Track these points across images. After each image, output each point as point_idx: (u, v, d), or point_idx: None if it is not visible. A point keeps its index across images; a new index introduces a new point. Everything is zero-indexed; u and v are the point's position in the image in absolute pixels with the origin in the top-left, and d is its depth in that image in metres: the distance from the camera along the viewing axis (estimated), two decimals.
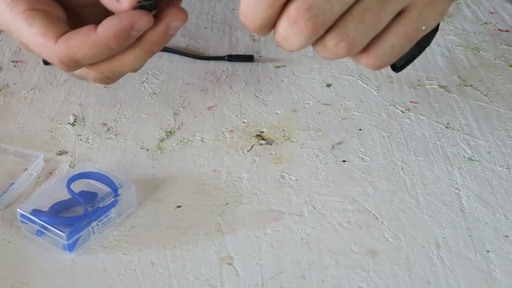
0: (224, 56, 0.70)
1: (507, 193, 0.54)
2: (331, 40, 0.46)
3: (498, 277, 0.47)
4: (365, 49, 0.48)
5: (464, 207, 0.53)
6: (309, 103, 0.64)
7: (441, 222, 0.52)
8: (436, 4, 0.49)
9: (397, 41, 0.49)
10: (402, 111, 0.63)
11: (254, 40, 0.73)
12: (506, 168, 0.57)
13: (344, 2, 0.45)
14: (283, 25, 0.44)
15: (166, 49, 0.70)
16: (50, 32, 0.50)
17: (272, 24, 0.44)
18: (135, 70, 0.54)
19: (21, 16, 0.51)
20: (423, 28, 0.49)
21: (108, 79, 0.53)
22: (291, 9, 0.43)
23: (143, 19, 0.49)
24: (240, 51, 0.72)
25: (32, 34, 0.51)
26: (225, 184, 0.55)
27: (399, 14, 0.48)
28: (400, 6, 0.48)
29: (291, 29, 0.44)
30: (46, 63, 0.69)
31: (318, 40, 0.46)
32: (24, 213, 0.50)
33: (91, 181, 0.54)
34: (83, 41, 0.49)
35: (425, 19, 0.49)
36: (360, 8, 0.46)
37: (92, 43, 0.49)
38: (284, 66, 0.70)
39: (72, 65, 0.50)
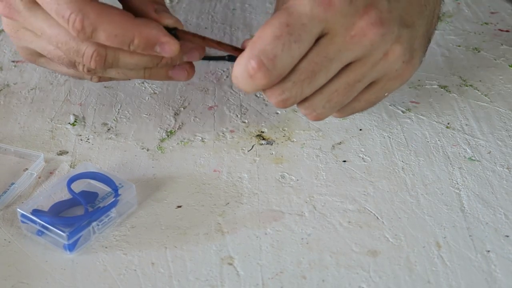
0: (225, 56, 0.70)
1: (508, 193, 0.54)
2: (301, 110, 0.51)
3: (498, 277, 0.47)
4: None
5: (464, 207, 0.53)
6: None
7: (442, 222, 0.52)
8: (402, 76, 0.51)
9: (358, 105, 0.52)
10: (402, 111, 0.63)
11: None
12: (507, 168, 0.57)
13: (315, 87, 0.48)
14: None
15: None
16: None
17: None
18: (123, 79, 0.56)
19: None
20: (385, 94, 0.52)
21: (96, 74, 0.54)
22: (267, 92, 0.48)
23: (173, 48, 0.50)
24: None
25: None
26: (225, 184, 0.55)
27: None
28: (366, 85, 0.51)
29: (268, 98, 0.49)
30: None
31: None
32: (24, 213, 0.50)
33: (92, 181, 0.54)
34: (119, 16, 0.49)
35: (388, 89, 0.53)
36: (330, 90, 0.49)
37: (124, 25, 0.49)
38: None
39: (87, 31, 0.48)
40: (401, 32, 0.48)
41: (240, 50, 0.48)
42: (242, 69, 0.46)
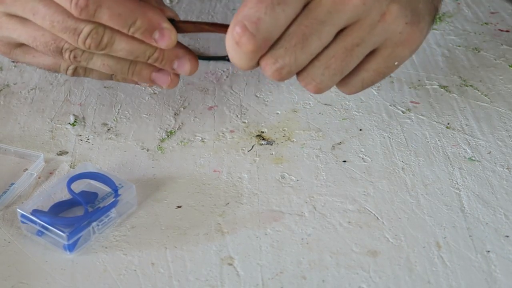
0: (225, 56, 0.70)
1: (508, 193, 0.54)
2: (301, 81, 0.49)
3: (498, 278, 0.47)
4: None
5: (464, 207, 0.53)
6: (309, 103, 0.64)
7: (442, 222, 0.52)
8: (410, 41, 0.49)
9: (367, 76, 0.51)
10: (402, 111, 0.63)
11: None
12: (507, 168, 0.57)
13: (309, 53, 0.47)
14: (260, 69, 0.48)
15: None
16: None
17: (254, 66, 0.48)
18: (102, 75, 0.56)
19: None
20: (395, 63, 0.50)
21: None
22: (261, 63, 0.47)
23: (172, 37, 0.51)
24: None
25: None
26: (225, 184, 0.55)
27: (371, 51, 0.49)
28: (368, 50, 0.49)
29: (263, 72, 0.48)
30: None
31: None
32: (24, 213, 0.50)
33: (92, 181, 0.54)
34: None
35: (397, 56, 0.50)
36: (327, 56, 0.48)
37: (128, 5, 0.49)
38: None
39: (90, 8, 0.49)
40: None
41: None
42: (230, 39, 0.46)
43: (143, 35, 0.51)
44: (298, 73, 0.49)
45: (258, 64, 0.48)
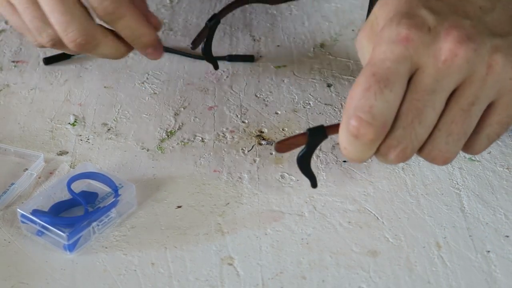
0: (225, 56, 0.70)
1: (508, 194, 0.54)
2: (426, 157, 0.47)
3: (498, 278, 0.47)
4: (465, 144, 0.48)
5: (464, 207, 0.53)
6: (309, 103, 0.64)
7: (442, 222, 0.52)
8: None
9: (491, 130, 0.48)
10: None
11: (254, 40, 0.73)
12: (507, 168, 0.57)
13: (427, 126, 0.45)
14: (377, 157, 0.46)
15: (166, 49, 0.70)
16: None
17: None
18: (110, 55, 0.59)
19: None
20: None
21: (83, 44, 0.56)
22: (383, 149, 0.45)
23: (159, 55, 0.60)
24: (241, 51, 0.72)
25: None
26: (225, 184, 0.55)
27: (489, 106, 0.47)
28: (485, 105, 0.47)
29: (383, 159, 0.46)
30: (46, 62, 0.69)
31: None
32: (24, 213, 0.50)
33: (92, 181, 0.54)
34: (135, 10, 0.56)
35: None
36: (446, 123, 0.46)
37: (143, 22, 0.57)
38: (284, 66, 0.69)
39: (116, 12, 0.55)
40: (494, 41, 0.46)
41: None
42: (345, 134, 0.45)
43: (142, 48, 0.58)
44: (420, 149, 0.47)
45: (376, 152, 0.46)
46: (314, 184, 0.49)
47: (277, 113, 0.63)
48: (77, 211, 0.52)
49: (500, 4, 0.48)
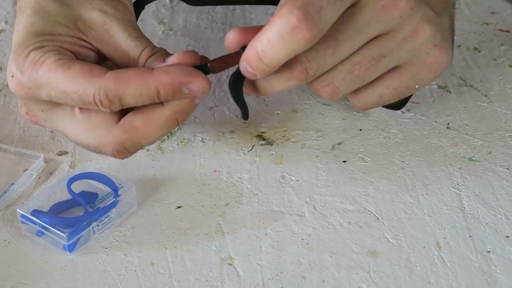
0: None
1: (508, 194, 0.54)
2: (318, 83, 0.48)
3: (499, 278, 0.47)
4: (354, 91, 0.50)
5: (464, 208, 0.53)
6: (309, 103, 0.64)
7: (442, 222, 0.52)
8: (436, 66, 0.49)
9: (386, 93, 0.50)
10: (402, 112, 0.63)
11: None
12: (507, 168, 0.57)
13: (337, 59, 0.46)
14: (280, 70, 0.45)
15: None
16: (96, 68, 0.47)
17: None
18: (153, 141, 0.50)
19: (56, 65, 0.47)
20: (416, 86, 0.50)
21: (126, 151, 0.49)
22: (291, 61, 0.45)
23: (201, 84, 0.47)
24: None
25: (73, 76, 0.46)
26: (225, 184, 0.55)
27: (395, 68, 0.49)
28: (393, 64, 0.48)
29: (287, 72, 0.46)
30: None
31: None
32: (24, 213, 0.50)
33: (92, 182, 0.54)
34: (135, 76, 0.46)
35: (420, 78, 0.50)
36: (352, 62, 0.47)
37: (144, 81, 0.46)
38: None
39: (115, 102, 0.47)
40: (429, 13, 0.47)
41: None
42: (281, 25, 0.41)
43: (175, 97, 0.47)
44: (319, 76, 0.47)
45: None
46: (245, 116, 0.46)
47: (277, 113, 0.63)
48: (77, 211, 0.52)
49: None
